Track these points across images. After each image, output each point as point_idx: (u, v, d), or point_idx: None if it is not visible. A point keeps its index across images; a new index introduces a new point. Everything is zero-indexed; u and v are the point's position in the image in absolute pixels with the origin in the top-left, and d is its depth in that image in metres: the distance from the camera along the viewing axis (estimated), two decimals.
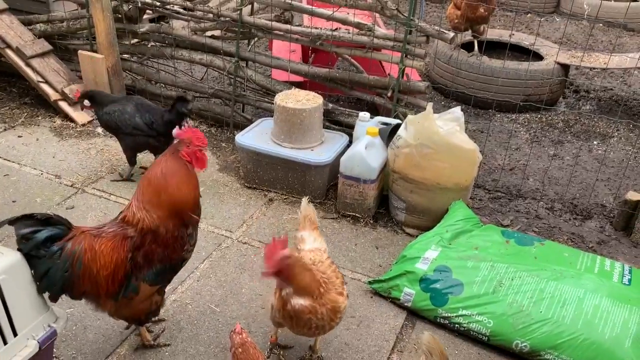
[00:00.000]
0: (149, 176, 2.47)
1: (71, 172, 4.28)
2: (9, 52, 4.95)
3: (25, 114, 5.08)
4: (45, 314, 2.33)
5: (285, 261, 2.23)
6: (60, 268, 2.33)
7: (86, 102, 4.09)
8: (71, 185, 4.11)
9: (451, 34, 4.14)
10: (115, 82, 4.92)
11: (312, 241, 2.73)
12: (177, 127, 4.05)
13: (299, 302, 2.31)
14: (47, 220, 2.36)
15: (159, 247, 2.43)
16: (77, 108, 5.05)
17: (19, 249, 2.29)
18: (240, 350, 1.88)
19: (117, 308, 2.50)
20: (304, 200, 2.87)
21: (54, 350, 2.62)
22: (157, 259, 2.45)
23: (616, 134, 5.46)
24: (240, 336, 1.88)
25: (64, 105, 5.01)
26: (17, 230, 2.29)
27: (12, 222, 2.29)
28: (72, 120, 4.99)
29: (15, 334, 2.21)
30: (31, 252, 2.28)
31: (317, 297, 2.32)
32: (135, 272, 2.43)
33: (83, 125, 4.95)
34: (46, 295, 2.35)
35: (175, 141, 2.54)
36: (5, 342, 2.18)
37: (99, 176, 4.25)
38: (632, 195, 3.89)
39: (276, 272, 2.24)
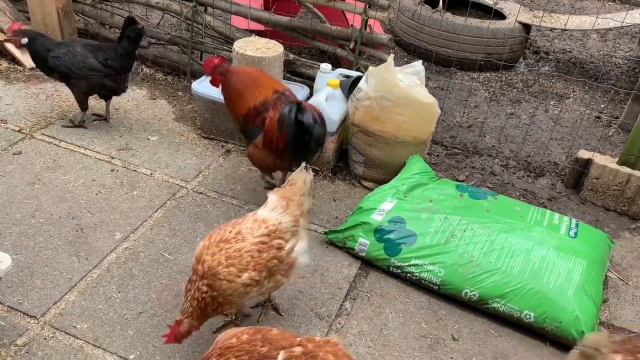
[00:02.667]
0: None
1: (19, 117, 4.09)
2: None
3: None
4: None
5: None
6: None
7: (24, 40, 3.80)
8: (19, 131, 3.94)
9: None
10: (66, 25, 4.67)
11: (271, 209, 2.48)
12: (133, 59, 3.91)
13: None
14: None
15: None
16: (24, 51, 4.78)
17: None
18: None
19: None
20: (302, 165, 2.62)
21: None
22: None
23: (572, 95, 5.56)
24: None
25: (10, 47, 4.74)
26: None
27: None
28: (19, 63, 4.75)
29: None
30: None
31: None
32: None
33: (32, 69, 4.71)
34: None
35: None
36: None
37: (49, 122, 4.08)
38: (583, 154, 3.99)
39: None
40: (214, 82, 3.28)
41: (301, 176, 2.59)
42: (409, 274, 3.03)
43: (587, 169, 3.95)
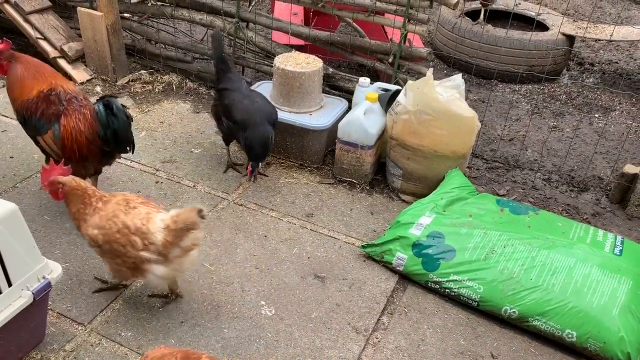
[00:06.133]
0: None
1: None
2: (7, 6, 4.89)
3: None
4: (40, 266, 2.36)
5: (57, 186, 2.59)
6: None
7: None
8: None
9: None
10: (114, 41, 4.86)
11: (162, 219, 2.58)
12: None
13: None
14: None
15: None
16: (76, 66, 5.02)
17: None
18: None
19: None
20: (196, 207, 2.54)
21: (49, 302, 2.66)
22: None
23: (618, 107, 5.42)
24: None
25: (62, 62, 4.96)
26: None
27: None
28: (70, 78, 4.95)
29: (9, 284, 2.25)
30: None
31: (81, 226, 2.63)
32: None
33: (82, 83, 4.92)
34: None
35: None
36: None
37: None
38: (629, 169, 3.88)
39: (50, 191, 2.62)
40: (0, 68, 3.27)
41: (186, 213, 2.54)
42: (447, 290, 3.01)
43: (633, 184, 3.84)
